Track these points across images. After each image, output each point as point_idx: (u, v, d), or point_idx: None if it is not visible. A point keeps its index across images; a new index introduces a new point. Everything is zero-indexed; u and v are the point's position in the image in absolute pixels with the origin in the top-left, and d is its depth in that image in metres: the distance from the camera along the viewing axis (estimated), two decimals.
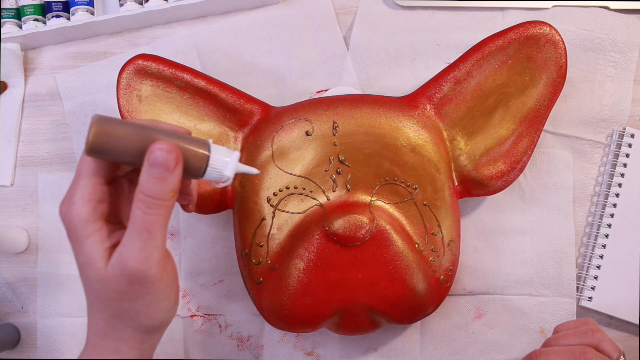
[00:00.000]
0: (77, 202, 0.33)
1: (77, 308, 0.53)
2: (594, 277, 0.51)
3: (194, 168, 0.34)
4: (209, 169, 0.34)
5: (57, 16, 0.55)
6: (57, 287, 0.54)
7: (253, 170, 0.37)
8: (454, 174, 0.48)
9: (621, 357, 0.41)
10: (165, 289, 0.34)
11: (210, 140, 0.35)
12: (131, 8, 0.54)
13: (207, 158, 0.34)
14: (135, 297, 0.33)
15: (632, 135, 0.52)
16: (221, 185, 0.35)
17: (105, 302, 0.34)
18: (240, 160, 0.45)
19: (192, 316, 0.53)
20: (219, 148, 0.35)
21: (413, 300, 0.44)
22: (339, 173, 0.46)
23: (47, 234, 0.54)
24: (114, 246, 0.33)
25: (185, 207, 0.39)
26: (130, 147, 0.32)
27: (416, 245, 0.45)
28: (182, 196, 0.38)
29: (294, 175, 0.46)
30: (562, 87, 0.47)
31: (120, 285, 0.33)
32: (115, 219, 0.35)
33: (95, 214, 0.33)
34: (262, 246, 0.46)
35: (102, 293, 0.33)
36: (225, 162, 0.34)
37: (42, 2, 0.56)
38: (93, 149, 0.32)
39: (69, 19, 0.56)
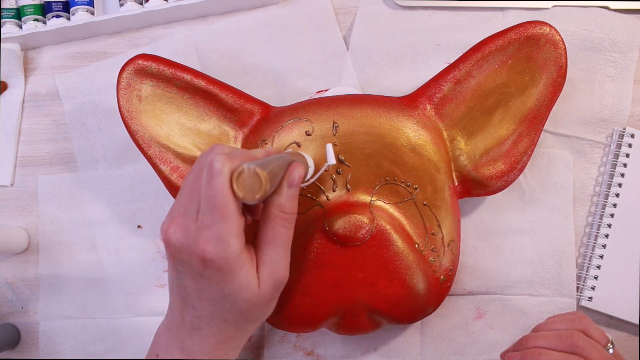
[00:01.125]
0: (230, 240, 0.35)
1: (79, 309, 0.53)
2: (594, 277, 0.51)
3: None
4: (308, 175, 0.40)
5: (57, 16, 0.55)
6: (59, 289, 0.54)
7: (324, 167, 0.42)
8: (454, 174, 0.48)
9: (609, 344, 0.42)
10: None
11: (303, 153, 0.41)
12: (131, 8, 0.54)
13: (307, 165, 0.40)
14: (273, 300, 0.39)
15: (632, 135, 0.52)
16: (309, 182, 0.42)
17: (249, 313, 0.38)
18: None
19: None
20: (307, 155, 0.41)
21: (413, 300, 0.44)
22: (339, 173, 0.46)
23: (48, 236, 0.54)
24: (256, 266, 0.37)
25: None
26: (275, 183, 0.35)
27: (416, 245, 0.45)
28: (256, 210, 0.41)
29: None
30: (562, 87, 0.47)
31: (270, 295, 0.38)
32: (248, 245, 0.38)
33: (242, 246, 0.36)
34: None
35: (251, 308, 0.37)
36: (312, 166, 0.41)
37: (42, 2, 0.56)
38: (262, 197, 0.34)
39: (69, 19, 0.56)
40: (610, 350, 0.42)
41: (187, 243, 0.35)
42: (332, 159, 0.41)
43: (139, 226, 0.54)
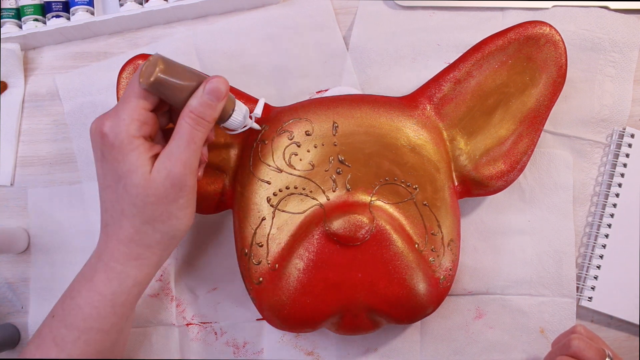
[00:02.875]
0: (125, 119, 0.38)
1: None
2: (594, 277, 0.51)
3: (224, 111, 0.41)
4: (232, 118, 0.41)
5: (57, 16, 0.55)
6: (50, 300, 0.53)
7: (256, 125, 0.44)
8: (454, 174, 0.48)
9: (606, 358, 0.41)
10: (194, 197, 0.41)
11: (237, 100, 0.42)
12: (131, 8, 0.54)
13: (234, 107, 0.41)
14: (172, 200, 0.39)
15: (632, 135, 0.52)
16: (235, 132, 0.43)
17: (143, 207, 0.39)
18: (240, 160, 0.45)
19: (187, 325, 0.52)
20: (240, 103, 0.42)
21: (413, 300, 0.44)
22: (339, 173, 0.46)
23: (39, 248, 0.54)
24: (155, 157, 0.39)
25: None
26: (185, 85, 0.38)
27: (416, 245, 0.45)
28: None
29: (294, 175, 0.46)
30: (562, 87, 0.47)
31: (162, 188, 0.38)
32: (149, 139, 0.40)
33: (140, 131, 0.38)
34: (262, 246, 0.46)
35: (141, 197, 0.38)
36: (243, 112, 0.42)
37: (42, 2, 0.56)
38: (156, 83, 0.37)
39: (69, 19, 0.56)
40: None
41: (95, 126, 0.39)
42: (258, 111, 0.44)
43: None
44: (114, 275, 0.40)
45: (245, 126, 0.43)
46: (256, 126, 0.44)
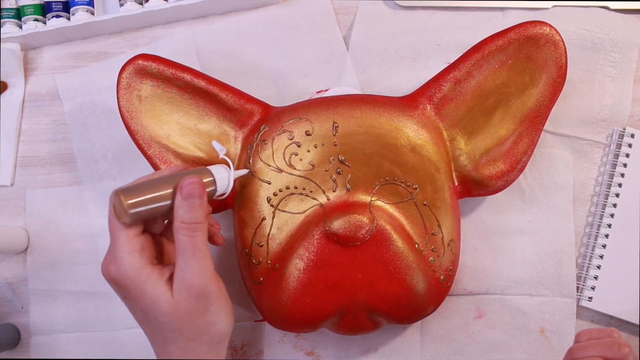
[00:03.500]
0: (124, 257, 0.38)
1: (71, 323, 0.53)
2: (594, 277, 0.51)
3: (208, 193, 0.41)
4: (217, 189, 0.42)
5: (57, 16, 0.55)
6: (50, 303, 0.54)
7: (243, 172, 0.45)
8: (454, 174, 0.48)
9: None
10: (224, 296, 0.40)
11: (211, 167, 0.42)
12: (131, 8, 0.54)
13: (214, 181, 0.41)
14: (204, 312, 0.39)
15: (632, 135, 0.52)
16: (224, 196, 0.43)
17: (180, 329, 0.38)
18: (241, 160, 0.47)
19: None
20: (216, 168, 0.42)
21: (413, 300, 0.44)
22: (339, 173, 0.46)
23: (37, 250, 0.54)
24: (171, 277, 0.38)
25: (214, 239, 0.45)
26: (161, 197, 0.38)
27: (416, 245, 0.45)
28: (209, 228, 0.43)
29: (294, 175, 0.46)
30: (562, 87, 0.47)
31: (190, 305, 0.38)
32: (156, 261, 0.40)
33: (143, 260, 0.38)
34: (262, 246, 0.46)
35: (175, 322, 0.38)
36: (225, 179, 0.42)
37: (42, 2, 0.56)
38: (133, 217, 0.37)
39: (69, 19, 0.56)
40: None
41: (104, 273, 0.39)
42: (219, 148, 0.44)
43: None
44: None
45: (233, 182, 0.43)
46: (243, 172, 0.45)
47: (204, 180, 0.40)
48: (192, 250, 0.38)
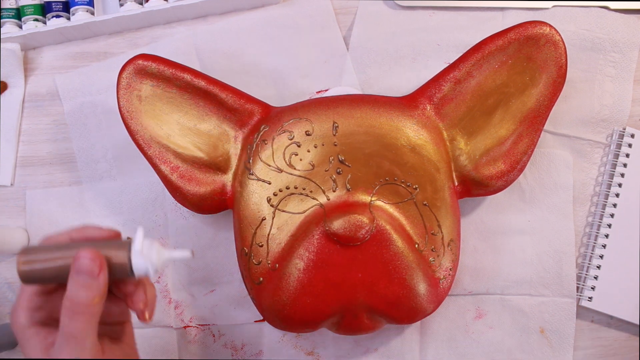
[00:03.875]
0: (17, 309, 0.36)
1: None
2: (594, 277, 0.51)
3: (121, 271, 0.35)
4: (134, 268, 0.35)
5: (57, 16, 0.55)
6: None
7: (183, 255, 0.37)
8: (454, 174, 0.48)
9: None
10: None
11: (134, 236, 0.36)
12: (131, 8, 0.54)
13: (129, 259, 0.35)
14: None
15: (632, 135, 0.52)
16: (153, 278, 0.37)
17: None
18: (241, 160, 0.47)
19: (185, 327, 0.52)
20: (140, 246, 0.36)
21: (413, 300, 0.44)
22: (339, 173, 0.46)
23: None
24: (53, 346, 0.35)
25: (140, 316, 0.38)
26: (55, 268, 0.35)
27: (416, 245, 0.45)
28: (134, 304, 0.38)
29: (294, 175, 0.46)
30: (562, 87, 0.47)
31: None
32: (56, 323, 0.36)
33: (32, 320, 0.36)
34: (262, 246, 0.46)
35: None
36: (146, 262, 0.36)
37: (42, 2, 0.56)
38: (25, 279, 0.35)
39: (69, 19, 0.56)
40: None
41: None
42: (138, 243, 0.36)
43: (128, 238, 0.53)
44: None
45: (161, 264, 0.37)
46: (185, 254, 0.37)
47: (119, 254, 0.35)
48: (67, 334, 0.34)
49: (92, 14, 0.56)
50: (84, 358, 0.34)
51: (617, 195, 0.51)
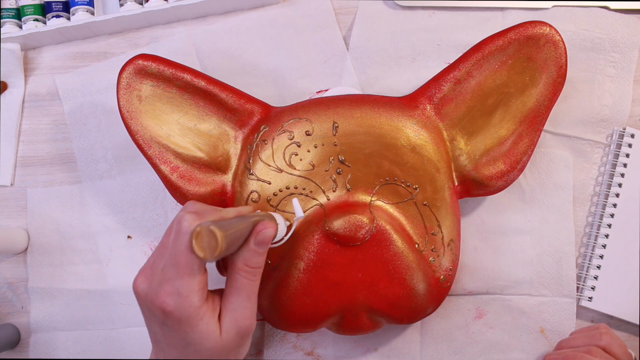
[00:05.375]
0: (189, 295, 0.37)
1: (71, 321, 0.53)
2: (594, 277, 0.51)
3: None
4: (278, 234, 0.41)
5: (57, 16, 0.55)
6: (50, 301, 0.54)
7: (295, 224, 0.43)
8: (454, 174, 0.48)
9: None
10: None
11: (274, 214, 0.42)
12: (131, 8, 0.54)
13: (277, 227, 0.40)
14: (241, 345, 0.40)
15: (632, 135, 0.52)
16: (282, 242, 0.42)
17: None
18: (240, 160, 0.48)
19: None
20: (278, 216, 0.42)
21: (413, 300, 0.44)
22: (339, 173, 0.46)
23: (37, 249, 0.54)
24: (219, 315, 0.39)
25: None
26: (239, 239, 0.37)
27: (416, 245, 0.45)
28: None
29: (294, 175, 0.46)
30: (562, 87, 0.47)
31: (234, 343, 0.39)
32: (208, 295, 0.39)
33: (202, 299, 0.38)
34: None
35: (216, 356, 0.39)
36: (284, 225, 0.42)
37: (42, 2, 0.56)
38: (222, 255, 0.35)
39: (69, 19, 0.56)
40: None
41: (150, 294, 0.38)
42: (299, 213, 0.42)
43: (128, 236, 0.54)
44: None
45: (288, 231, 0.43)
46: (300, 214, 0.42)
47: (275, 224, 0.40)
48: (248, 292, 0.39)
49: (92, 14, 0.56)
50: (255, 310, 0.40)
51: (617, 195, 0.51)
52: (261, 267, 0.40)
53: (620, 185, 0.51)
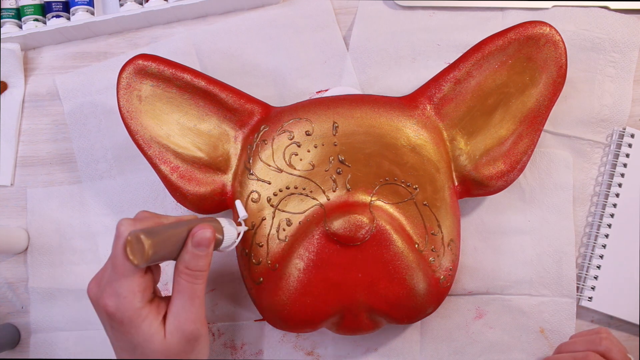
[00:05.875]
0: (127, 295, 0.38)
1: (71, 321, 0.53)
2: (594, 277, 0.51)
3: (215, 244, 0.41)
4: (224, 238, 0.42)
5: (57, 16, 0.55)
6: (50, 301, 0.54)
7: (243, 229, 0.44)
8: (454, 174, 0.48)
9: None
10: (207, 339, 0.42)
11: (220, 219, 0.42)
12: (131, 8, 0.54)
13: (222, 234, 0.41)
14: (189, 352, 0.40)
15: (632, 135, 0.52)
16: (232, 247, 0.43)
17: None
18: (240, 160, 0.48)
19: None
20: (224, 221, 0.42)
21: (413, 300, 0.44)
22: (339, 173, 0.46)
23: (37, 249, 0.54)
24: (164, 317, 0.39)
25: None
26: (175, 243, 0.39)
27: (416, 245, 0.45)
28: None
29: (294, 175, 0.46)
30: (562, 87, 0.47)
31: (179, 346, 0.39)
32: (152, 297, 0.40)
33: (143, 300, 0.38)
34: (262, 246, 0.46)
35: (163, 358, 0.39)
36: (232, 231, 0.42)
37: (42, 2, 0.56)
38: (150, 260, 0.37)
39: (69, 19, 0.56)
40: None
41: (96, 297, 0.39)
42: (242, 213, 0.45)
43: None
44: None
45: (239, 235, 0.44)
46: (244, 228, 0.44)
47: (219, 227, 0.41)
48: (190, 296, 0.39)
49: (92, 14, 0.56)
50: (203, 314, 0.40)
51: (617, 195, 0.51)
52: (203, 270, 0.40)
53: (620, 185, 0.51)
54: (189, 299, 0.39)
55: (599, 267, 0.51)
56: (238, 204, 0.45)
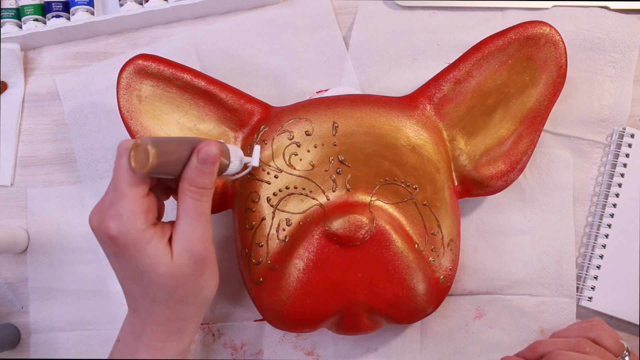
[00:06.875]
0: (129, 216, 0.37)
1: (71, 321, 0.53)
2: (594, 277, 0.51)
3: (221, 165, 0.40)
4: (231, 163, 0.41)
5: (57, 16, 0.55)
6: (50, 301, 0.54)
7: (251, 161, 0.45)
8: (454, 174, 0.48)
9: (624, 352, 0.42)
10: (215, 263, 0.41)
11: (228, 144, 0.42)
12: (131, 8, 0.54)
13: (229, 156, 0.41)
14: (199, 275, 0.39)
15: (632, 135, 0.52)
16: (236, 177, 0.43)
17: (173, 291, 0.38)
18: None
19: None
20: (232, 146, 0.42)
21: (413, 300, 0.44)
22: (338, 173, 0.46)
23: (37, 248, 0.54)
24: (170, 240, 0.38)
25: None
26: (179, 158, 0.37)
27: (416, 245, 0.45)
28: None
29: (294, 175, 0.46)
30: (562, 87, 0.47)
31: (187, 269, 0.38)
32: (157, 221, 0.39)
33: (147, 222, 0.37)
34: (262, 246, 0.46)
35: (170, 283, 0.38)
36: (239, 156, 0.42)
37: (42, 2, 0.56)
38: (152, 169, 0.36)
39: (69, 19, 0.56)
40: (626, 359, 0.43)
41: (97, 224, 0.38)
42: (255, 161, 0.44)
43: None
44: (157, 352, 0.40)
45: (246, 167, 0.43)
46: (255, 162, 0.45)
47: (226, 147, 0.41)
48: (197, 214, 0.38)
49: (92, 14, 0.56)
50: (210, 233, 0.39)
51: (617, 195, 0.51)
52: (209, 188, 0.39)
53: (620, 185, 0.51)
54: (195, 217, 0.38)
55: (598, 267, 0.51)
56: (256, 149, 0.45)
